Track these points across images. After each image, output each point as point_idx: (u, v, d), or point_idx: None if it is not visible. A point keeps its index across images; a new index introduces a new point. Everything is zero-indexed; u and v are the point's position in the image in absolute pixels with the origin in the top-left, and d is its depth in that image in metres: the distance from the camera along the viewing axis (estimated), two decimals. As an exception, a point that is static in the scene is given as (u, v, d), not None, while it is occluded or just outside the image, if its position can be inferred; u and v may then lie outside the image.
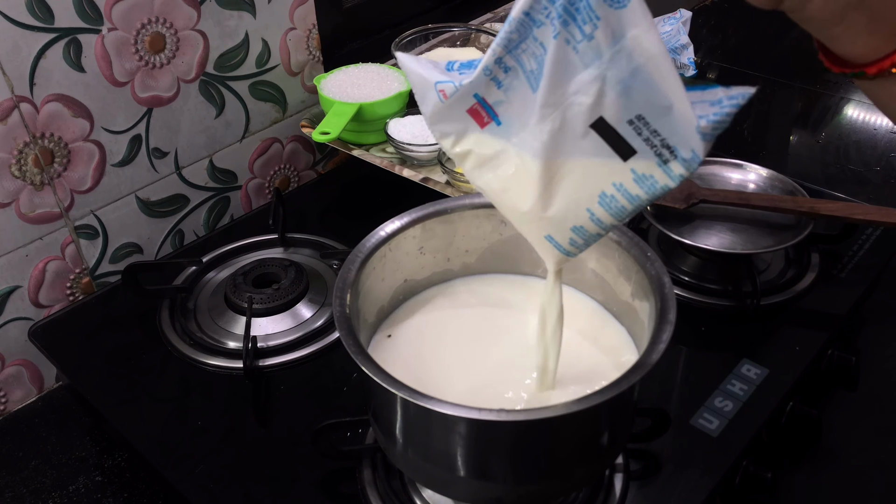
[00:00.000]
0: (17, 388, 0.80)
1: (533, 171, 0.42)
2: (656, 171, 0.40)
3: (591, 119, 0.40)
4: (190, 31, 0.81)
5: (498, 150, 0.43)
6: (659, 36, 0.38)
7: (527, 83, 0.40)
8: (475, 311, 0.63)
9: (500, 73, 0.41)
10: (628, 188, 0.41)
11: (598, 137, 0.40)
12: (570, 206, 0.43)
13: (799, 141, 1.19)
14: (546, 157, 0.41)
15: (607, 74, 0.38)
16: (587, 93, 0.39)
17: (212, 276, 0.84)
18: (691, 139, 0.38)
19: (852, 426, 0.76)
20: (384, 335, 0.61)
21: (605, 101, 0.39)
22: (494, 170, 0.44)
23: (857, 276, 0.81)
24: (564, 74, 0.39)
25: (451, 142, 0.44)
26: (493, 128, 0.42)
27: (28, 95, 0.71)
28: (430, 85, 0.43)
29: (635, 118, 0.39)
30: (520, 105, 0.41)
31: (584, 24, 0.38)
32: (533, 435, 0.48)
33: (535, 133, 0.41)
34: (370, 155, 0.90)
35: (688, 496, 0.60)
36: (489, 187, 0.45)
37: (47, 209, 0.77)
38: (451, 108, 0.43)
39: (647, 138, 0.39)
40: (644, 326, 0.54)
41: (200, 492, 0.62)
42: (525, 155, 0.42)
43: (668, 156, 0.39)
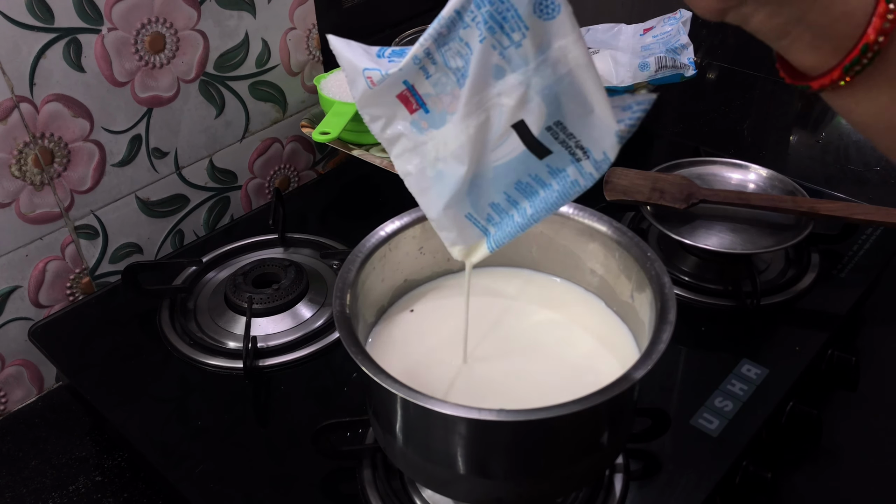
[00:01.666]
0: (17, 388, 0.80)
1: (458, 158, 0.44)
2: (570, 167, 0.43)
3: (513, 120, 0.42)
4: (190, 31, 0.81)
5: (426, 137, 0.44)
6: (585, 47, 0.40)
7: (454, 78, 0.42)
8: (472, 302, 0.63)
9: (430, 66, 0.42)
10: (543, 178, 0.44)
11: (517, 137, 0.42)
12: (490, 188, 0.45)
13: (799, 141, 1.19)
14: (470, 150, 0.43)
15: (532, 81, 0.41)
16: (511, 95, 0.41)
17: (212, 276, 0.84)
18: (606, 142, 0.41)
19: (852, 426, 0.76)
20: (407, 310, 0.62)
21: (528, 107, 0.41)
22: (422, 155, 0.45)
23: (857, 276, 0.81)
24: (490, 77, 0.41)
25: (381, 125, 0.45)
26: (421, 115, 0.44)
27: (28, 95, 0.71)
28: (358, 71, 0.44)
29: (554, 124, 0.42)
30: (447, 98, 0.43)
31: (511, 31, 0.39)
32: (533, 435, 0.48)
33: (461, 127, 0.43)
34: (370, 155, 0.90)
35: (688, 496, 0.60)
36: (416, 172, 0.46)
37: (47, 209, 0.77)
38: (380, 93, 0.44)
39: (563, 141, 0.42)
40: (644, 326, 0.54)
41: (200, 492, 0.62)
42: (450, 144, 0.44)
43: (581, 156, 0.42)
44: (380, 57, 0.44)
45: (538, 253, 0.63)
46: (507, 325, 0.61)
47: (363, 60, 0.44)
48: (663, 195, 0.81)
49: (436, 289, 0.64)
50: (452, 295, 0.63)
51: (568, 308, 0.62)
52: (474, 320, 0.61)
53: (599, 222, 0.58)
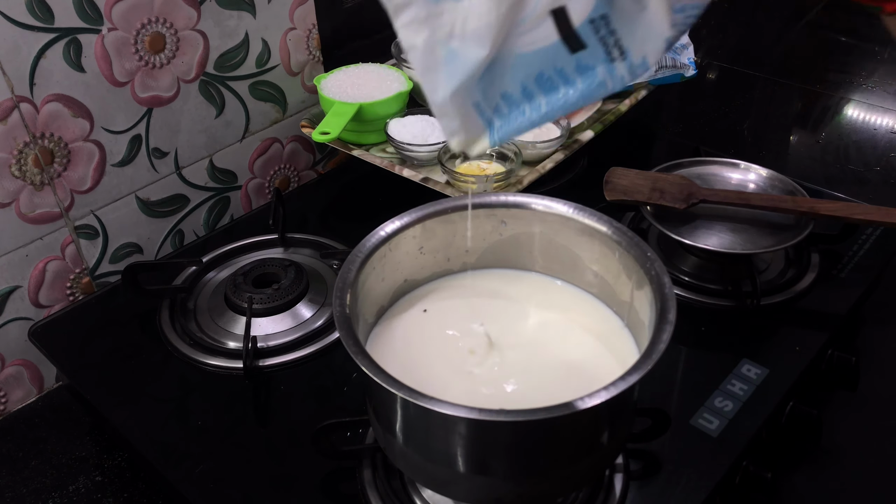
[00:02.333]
0: (17, 388, 0.80)
1: (478, 39, 0.39)
2: (600, 66, 0.39)
3: (554, 5, 0.38)
4: (190, 31, 0.81)
5: (442, 8, 0.39)
6: None
7: None
8: (471, 303, 0.63)
9: None
10: (568, 74, 0.40)
11: (552, 25, 0.38)
12: (506, 77, 0.41)
13: (799, 141, 1.19)
14: (495, 31, 0.39)
15: None
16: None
17: (212, 276, 0.84)
18: (650, 46, 0.38)
19: (852, 426, 0.76)
20: (420, 310, 0.61)
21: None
22: (434, 28, 0.40)
23: (857, 276, 0.81)
24: None
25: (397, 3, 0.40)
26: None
27: (28, 95, 0.71)
28: None
29: (599, 17, 0.38)
30: None
31: None
32: (533, 435, 0.48)
33: (490, 4, 0.38)
34: (370, 155, 0.90)
35: (688, 496, 0.60)
36: (424, 47, 0.41)
37: (47, 209, 0.77)
38: None
39: (603, 37, 0.38)
40: (644, 326, 0.54)
41: (200, 492, 0.62)
42: (472, 21, 0.39)
43: (616, 56, 0.38)
44: None
45: (538, 253, 0.63)
46: (508, 325, 0.61)
47: None
48: (663, 195, 0.81)
49: (436, 289, 0.64)
50: (453, 296, 0.63)
51: (568, 308, 0.62)
52: (474, 321, 0.61)
53: (599, 222, 0.58)
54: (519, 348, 0.59)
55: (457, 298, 0.63)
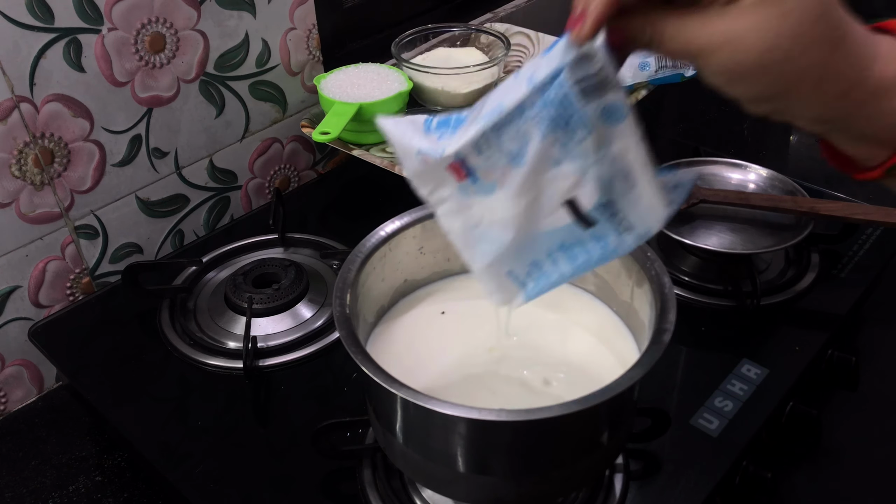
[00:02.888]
0: (17, 388, 0.80)
1: (504, 227, 0.45)
2: (612, 236, 0.45)
3: (564, 199, 0.44)
4: (190, 31, 0.81)
5: (471, 202, 0.46)
6: (643, 146, 0.41)
7: (506, 159, 0.43)
8: (471, 303, 0.63)
9: (484, 145, 0.43)
10: (586, 243, 0.45)
11: (566, 212, 0.44)
12: (534, 250, 0.47)
13: (799, 141, 1.19)
14: (518, 222, 0.45)
15: (589, 170, 0.42)
16: (566, 179, 0.43)
17: (212, 276, 0.84)
18: (652, 221, 0.44)
19: (852, 426, 0.76)
20: (438, 311, 0.62)
21: (581, 189, 0.43)
22: (466, 217, 0.46)
23: (857, 276, 0.81)
24: (547, 164, 0.42)
25: (429, 189, 0.47)
26: (469, 182, 0.45)
27: (28, 95, 0.71)
28: (410, 152, 0.45)
29: (605, 203, 0.43)
30: (497, 172, 0.44)
31: (574, 131, 0.40)
32: (533, 435, 0.48)
33: (511, 203, 0.44)
34: (370, 155, 0.90)
35: (688, 496, 0.60)
36: (460, 231, 0.47)
37: (47, 209, 0.77)
38: (433, 168, 0.45)
39: (611, 216, 0.44)
40: (644, 326, 0.54)
41: (200, 492, 0.62)
42: (497, 213, 0.45)
43: (623, 229, 0.44)
44: (427, 131, 0.45)
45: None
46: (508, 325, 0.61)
47: (414, 139, 0.45)
48: (663, 195, 0.81)
49: (436, 290, 0.64)
50: (453, 298, 0.63)
51: (568, 308, 0.62)
52: (475, 322, 0.61)
53: (599, 222, 0.58)
54: (519, 348, 0.59)
55: (457, 299, 0.63)
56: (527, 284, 0.48)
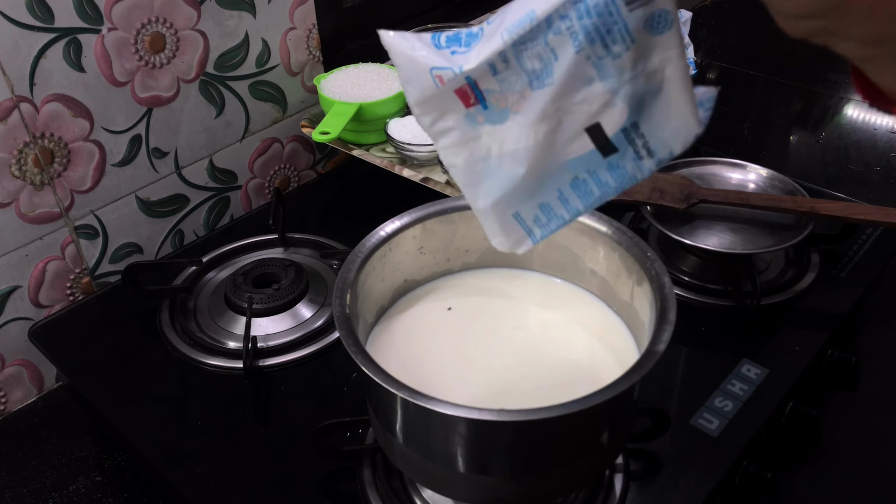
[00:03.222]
0: (17, 388, 0.80)
1: (516, 159, 0.42)
2: (629, 164, 0.41)
3: (588, 124, 0.40)
4: (190, 31, 0.81)
5: (479, 132, 0.42)
6: (685, 58, 0.38)
7: (525, 79, 0.39)
8: (471, 302, 0.63)
9: (500, 64, 0.39)
10: (600, 176, 0.42)
11: (587, 138, 0.41)
12: (543, 187, 0.43)
13: (799, 141, 1.19)
14: (533, 153, 0.41)
15: (622, 90, 0.38)
16: (593, 103, 0.39)
17: (212, 276, 0.84)
18: (677, 143, 0.41)
19: (852, 426, 0.76)
20: (445, 306, 0.61)
21: (608, 111, 0.39)
22: (472, 150, 0.43)
23: (857, 276, 0.81)
24: (575, 85, 0.39)
25: (432, 119, 0.43)
26: (478, 109, 0.41)
27: (28, 95, 0.71)
28: (423, 70, 0.41)
29: (630, 126, 0.40)
30: (513, 97, 0.40)
31: (613, 43, 0.37)
32: (533, 435, 0.48)
33: (528, 131, 0.41)
34: (370, 155, 0.90)
35: (688, 496, 0.60)
36: (464, 166, 0.44)
37: (47, 209, 0.77)
38: (443, 92, 0.41)
39: (633, 140, 0.41)
40: (644, 326, 0.54)
41: (200, 492, 0.62)
42: (509, 144, 0.42)
43: (644, 155, 0.41)
44: (438, 47, 0.41)
45: (538, 253, 0.63)
46: (508, 325, 0.61)
47: (426, 55, 0.41)
48: (663, 195, 0.81)
49: (436, 289, 0.64)
50: (453, 296, 0.63)
51: (568, 308, 0.62)
52: (474, 321, 0.61)
53: (599, 222, 0.58)
54: (519, 348, 0.59)
55: (457, 298, 0.63)
56: (533, 231, 0.45)
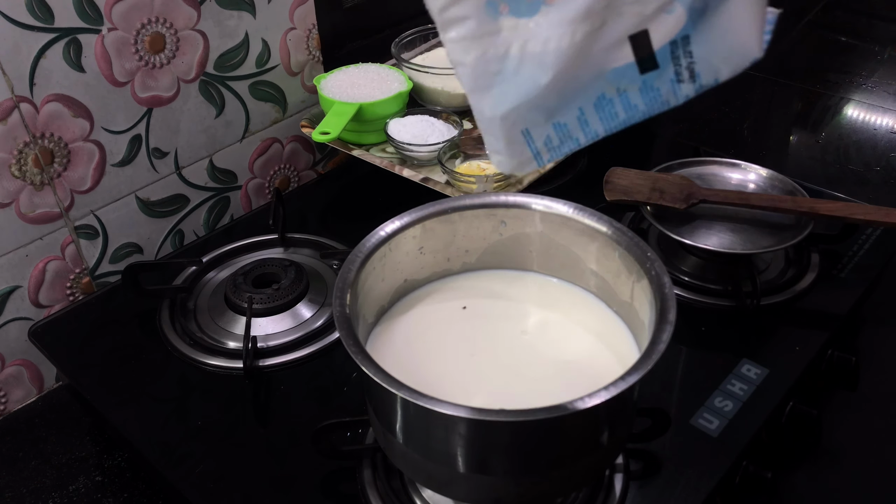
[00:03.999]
0: (17, 388, 0.80)
1: (541, 63, 0.36)
2: (665, 86, 0.37)
3: (635, 30, 0.35)
4: (190, 31, 0.81)
5: (500, 25, 0.36)
6: None
7: None
8: (471, 303, 0.63)
9: None
10: (630, 96, 0.37)
11: (628, 48, 0.36)
12: (563, 102, 0.38)
13: (799, 141, 1.19)
14: (564, 57, 0.35)
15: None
16: (649, 4, 0.34)
17: (212, 276, 0.84)
18: (728, 67, 0.35)
19: (852, 426, 0.76)
20: (445, 307, 0.61)
21: (662, 17, 0.34)
22: (487, 47, 0.37)
23: (857, 276, 0.81)
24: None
25: (444, 3, 0.36)
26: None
27: (28, 95, 0.71)
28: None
29: (680, 39, 0.35)
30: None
31: None
32: (533, 435, 0.48)
33: (565, 31, 0.35)
34: (370, 155, 0.90)
35: (688, 496, 0.60)
36: (474, 65, 0.38)
37: (47, 209, 0.77)
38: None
39: (678, 58, 0.36)
40: (644, 326, 0.54)
41: (200, 492, 0.62)
42: (536, 44, 0.36)
43: (685, 78, 0.36)
44: None
45: (538, 253, 0.63)
46: (508, 325, 0.61)
47: None
48: (663, 195, 0.81)
49: (436, 290, 0.64)
50: (453, 297, 0.63)
51: (568, 308, 0.62)
52: (474, 321, 0.61)
53: (599, 222, 0.58)
54: (519, 348, 0.59)
55: (457, 299, 0.63)
56: (541, 153, 0.39)
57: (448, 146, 0.87)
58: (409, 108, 0.94)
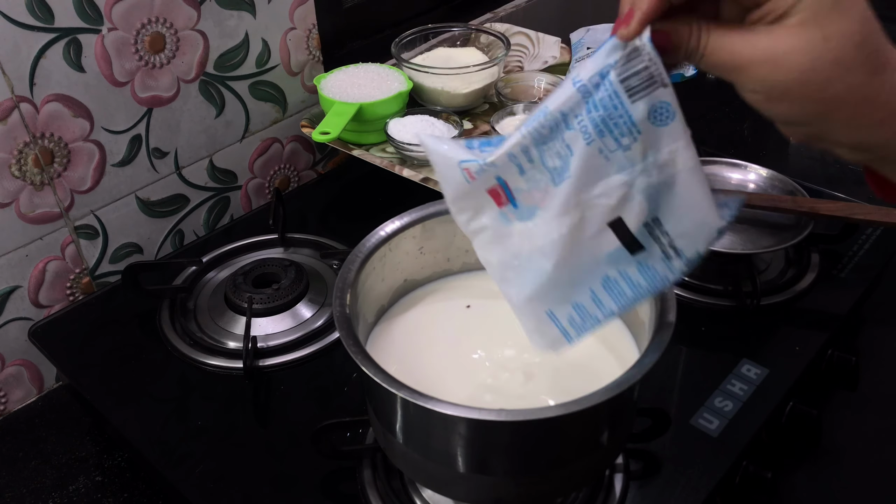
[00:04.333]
0: (17, 388, 0.80)
1: (544, 254, 0.44)
2: (659, 264, 0.43)
3: (610, 219, 0.42)
4: (190, 31, 0.81)
5: (511, 230, 0.44)
6: (694, 150, 0.40)
7: (548, 176, 0.42)
8: (471, 303, 0.63)
9: (525, 163, 0.42)
10: (631, 276, 0.43)
11: (612, 234, 0.42)
12: (575, 285, 0.45)
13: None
14: (559, 247, 0.43)
15: (636, 181, 0.40)
16: (611, 196, 0.41)
17: (212, 276, 0.84)
18: (700, 240, 0.42)
19: (852, 426, 0.76)
20: (460, 305, 0.62)
21: (628, 205, 0.41)
22: (505, 247, 0.45)
23: (857, 276, 0.81)
24: (592, 178, 0.41)
25: (468, 217, 0.46)
26: (509, 209, 0.44)
27: (28, 95, 0.71)
28: (453, 164, 0.43)
29: (651, 221, 0.42)
30: (539, 195, 0.42)
31: (621, 136, 0.39)
32: (533, 435, 0.48)
33: (553, 226, 0.42)
34: (370, 155, 0.90)
35: (688, 496, 0.60)
36: (498, 263, 0.46)
37: (47, 209, 0.77)
38: (474, 189, 0.44)
39: (657, 238, 0.42)
40: (644, 326, 0.54)
41: (200, 492, 0.62)
42: (538, 239, 0.44)
43: (672, 255, 0.42)
44: (470, 148, 0.44)
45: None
46: (508, 325, 0.61)
47: (458, 152, 0.43)
48: (663, 195, 0.81)
49: (436, 290, 0.64)
50: (453, 297, 0.63)
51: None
52: (475, 321, 0.61)
53: (599, 222, 0.58)
54: (519, 348, 0.59)
55: (457, 298, 0.63)
56: (569, 331, 0.46)
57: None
58: (409, 108, 0.94)
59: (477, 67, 0.95)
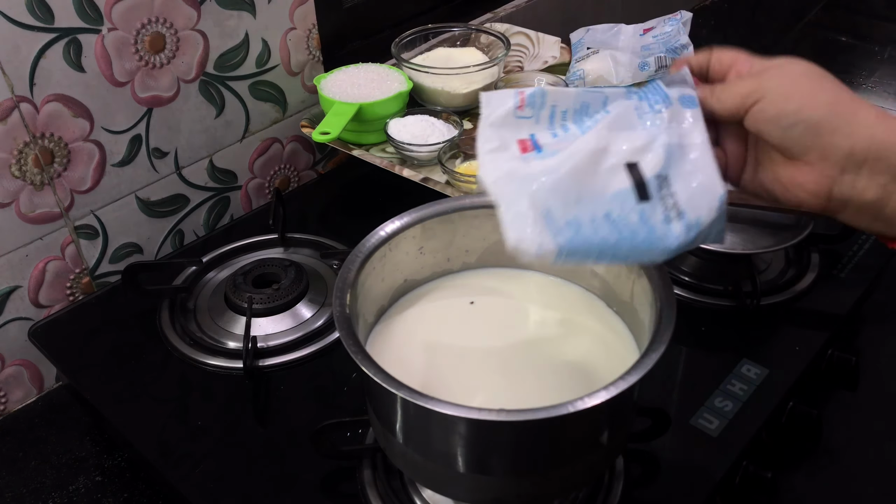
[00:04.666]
0: (17, 388, 0.80)
1: (561, 164, 0.46)
2: (659, 225, 0.45)
3: (629, 160, 0.45)
4: (190, 31, 0.81)
5: (532, 163, 0.46)
6: (707, 133, 0.47)
7: (578, 133, 0.47)
8: (471, 303, 0.63)
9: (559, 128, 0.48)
10: (631, 222, 0.45)
11: (625, 175, 0.45)
12: (580, 202, 0.46)
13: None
14: (579, 160, 0.45)
15: (660, 137, 0.46)
16: (637, 140, 0.46)
17: (212, 276, 0.84)
18: (702, 210, 0.45)
19: (852, 426, 0.76)
20: (467, 301, 0.62)
21: (647, 155, 0.45)
22: (520, 168, 0.47)
23: (857, 276, 0.81)
24: (623, 123, 0.46)
25: (491, 147, 0.47)
26: (532, 155, 0.47)
27: (28, 95, 0.71)
28: (511, 93, 0.48)
29: (662, 175, 0.45)
30: (564, 144, 0.46)
31: (656, 103, 0.47)
32: (533, 435, 0.48)
33: (576, 147, 0.46)
34: (370, 155, 0.90)
35: (688, 496, 0.60)
36: (506, 173, 0.47)
37: (47, 209, 0.77)
38: (511, 126, 0.47)
39: (664, 197, 0.45)
40: (644, 326, 0.54)
41: (200, 492, 0.62)
42: (554, 163, 0.46)
43: (673, 217, 0.45)
44: None
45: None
46: (508, 324, 0.61)
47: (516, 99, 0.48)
48: (663, 195, 0.81)
49: (436, 289, 0.64)
50: (453, 296, 0.63)
51: (568, 308, 0.62)
52: (475, 320, 0.61)
53: (599, 222, 0.58)
54: (519, 348, 0.59)
55: (457, 298, 0.63)
56: (558, 237, 0.44)
57: (448, 146, 0.87)
58: (409, 108, 0.94)
59: (477, 67, 0.95)
